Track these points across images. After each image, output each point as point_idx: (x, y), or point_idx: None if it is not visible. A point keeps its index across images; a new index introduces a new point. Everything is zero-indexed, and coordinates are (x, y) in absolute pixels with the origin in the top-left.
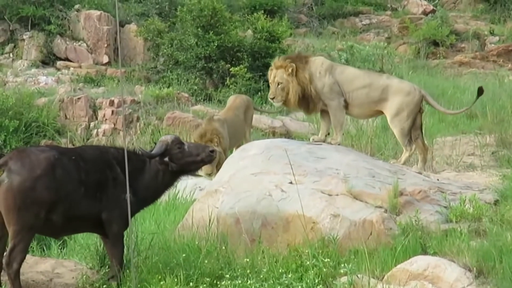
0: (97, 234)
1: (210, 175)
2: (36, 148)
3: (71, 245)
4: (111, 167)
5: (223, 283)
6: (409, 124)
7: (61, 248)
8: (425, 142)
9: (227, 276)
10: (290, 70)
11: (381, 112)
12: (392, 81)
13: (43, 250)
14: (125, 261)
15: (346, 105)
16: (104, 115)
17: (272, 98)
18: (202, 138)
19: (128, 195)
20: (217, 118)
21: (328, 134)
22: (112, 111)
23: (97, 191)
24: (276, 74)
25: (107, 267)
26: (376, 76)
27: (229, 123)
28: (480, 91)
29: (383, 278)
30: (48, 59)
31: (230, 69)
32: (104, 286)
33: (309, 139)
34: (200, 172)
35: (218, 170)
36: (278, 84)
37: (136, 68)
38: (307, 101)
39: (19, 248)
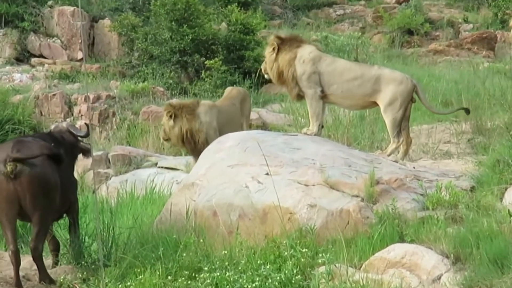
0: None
1: (166, 140)
2: (27, 137)
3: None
4: None
5: (201, 275)
6: (401, 114)
7: None
8: (410, 134)
9: (206, 268)
10: (271, 48)
11: (375, 104)
12: (384, 71)
13: (21, 247)
14: (102, 257)
15: (324, 96)
16: (79, 111)
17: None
18: (165, 109)
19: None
20: (206, 102)
21: (323, 127)
22: (88, 107)
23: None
24: (265, 49)
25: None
26: (367, 67)
27: (224, 111)
28: (467, 112)
29: (361, 266)
30: (22, 56)
31: (205, 62)
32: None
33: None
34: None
35: (191, 147)
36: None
37: (111, 63)
38: (285, 83)
39: (43, 231)
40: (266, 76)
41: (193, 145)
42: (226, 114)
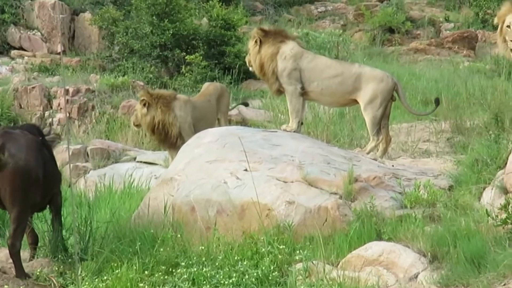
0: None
1: (137, 126)
2: (14, 129)
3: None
4: None
5: (178, 271)
6: (381, 112)
7: None
8: (389, 132)
9: (183, 264)
10: (254, 41)
11: (355, 101)
12: (364, 69)
13: None
14: (79, 251)
15: (305, 92)
16: (59, 104)
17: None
18: (141, 95)
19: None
20: (182, 97)
21: (302, 123)
22: (67, 100)
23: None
24: (249, 42)
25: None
26: (348, 65)
27: (199, 107)
28: (437, 102)
29: (338, 264)
30: (2, 48)
31: (186, 57)
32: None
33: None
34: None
35: (161, 138)
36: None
37: (91, 57)
38: (265, 76)
39: (22, 228)
40: (250, 68)
41: (163, 136)
42: (201, 110)
